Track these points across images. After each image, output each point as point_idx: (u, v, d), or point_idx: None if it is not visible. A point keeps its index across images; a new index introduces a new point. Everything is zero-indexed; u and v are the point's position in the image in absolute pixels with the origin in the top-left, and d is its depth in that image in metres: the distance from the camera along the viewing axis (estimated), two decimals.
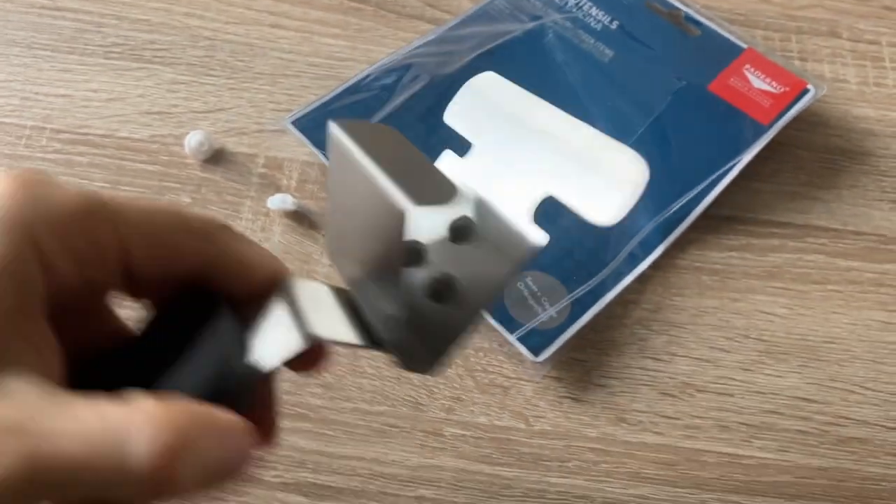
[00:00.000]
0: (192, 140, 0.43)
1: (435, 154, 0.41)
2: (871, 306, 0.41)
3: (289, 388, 0.38)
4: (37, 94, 0.46)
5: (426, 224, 0.23)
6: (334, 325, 0.22)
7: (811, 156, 0.45)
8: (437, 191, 0.22)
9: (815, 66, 0.48)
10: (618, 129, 0.43)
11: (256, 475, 0.36)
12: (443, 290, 0.23)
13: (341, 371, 0.39)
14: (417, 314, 0.23)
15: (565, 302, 0.39)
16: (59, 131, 0.44)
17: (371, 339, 0.23)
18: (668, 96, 0.43)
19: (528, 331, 0.38)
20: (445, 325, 0.23)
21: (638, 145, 0.43)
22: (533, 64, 0.45)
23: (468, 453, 0.37)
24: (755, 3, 0.51)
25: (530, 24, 0.47)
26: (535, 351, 0.38)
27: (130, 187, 0.43)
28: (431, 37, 0.48)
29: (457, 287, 0.23)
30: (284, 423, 0.37)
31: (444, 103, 0.44)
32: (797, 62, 0.48)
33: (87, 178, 0.43)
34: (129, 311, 0.24)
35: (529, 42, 0.46)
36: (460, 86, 0.44)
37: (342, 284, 0.25)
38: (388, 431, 0.37)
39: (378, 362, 0.39)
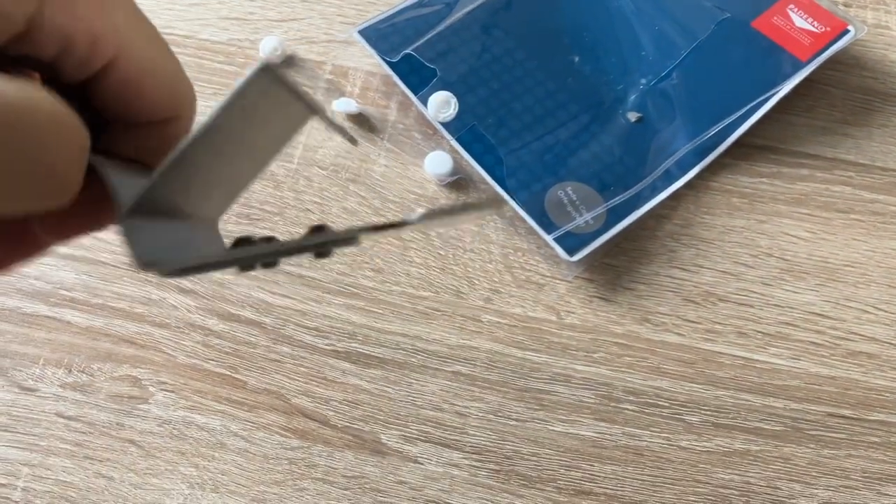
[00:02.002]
0: (267, 45, 0.47)
1: (488, 71, 0.44)
2: (892, 236, 0.44)
3: (343, 270, 0.42)
4: None
5: None
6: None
7: (845, 95, 0.48)
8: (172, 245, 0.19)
9: (859, 12, 0.50)
10: (662, 52, 0.46)
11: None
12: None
13: (392, 258, 0.42)
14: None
15: (602, 209, 0.42)
16: None
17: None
18: (712, 25, 0.46)
19: (565, 233, 0.41)
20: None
21: (680, 69, 0.45)
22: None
23: (502, 338, 0.40)
24: None
25: None
26: (571, 251, 0.41)
27: (208, 84, 0.47)
28: None
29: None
30: (338, 300, 0.41)
31: (500, 20, 0.47)
32: (841, 7, 0.50)
33: None
34: None
35: None
36: (517, 4, 0.47)
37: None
38: (430, 314, 0.41)
39: (425, 253, 0.42)
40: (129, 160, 0.20)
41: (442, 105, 0.42)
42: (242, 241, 0.20)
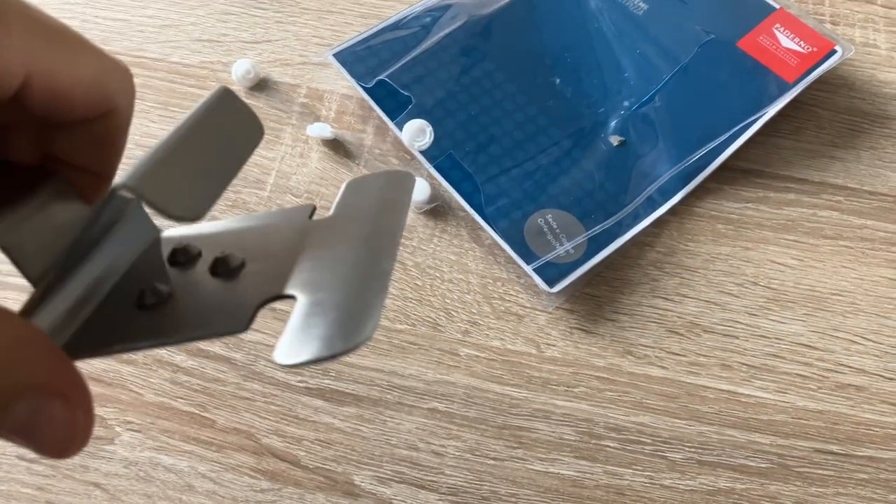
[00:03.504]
0: (239, 68, 0.45)
1: (466, 95, 0.43)
2: (881, 263, 0.42)
3: None
4: (96, 17, 0.48)
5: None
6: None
7: (833, 116, 0.47)
8: (178, 194, 0.20)
9: (846, 31, 0.49)
10: (644, 76, 0.45)
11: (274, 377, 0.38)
12: (150, 300, 0.22)
13: None
14: (111, 304, 0.23)
15: (582, 238, 0.41)
16: (116, 53, 0.47)
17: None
18: (696, 47, 0.45)
19: (545, 263, 0.40)
20: (125, 328, 0.22)
21: (662, 92, 0.44)
22: (568, 9, 0.47)
23: (481, 373, 0.39)
24: None
25: None
26: (551, 282, 0.40)
27: (179, 109, 0.45)
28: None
29: (169, 306, 0.22)
30: None
31: (478, 43, 0.46)
32: (828, 25, 0.49)
33: (139, 99, 0.45)
34: None
35: None
36: (496, 26, 0.46)
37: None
38: (407, 348, 0.40)
39: (402, 284, 0.41)
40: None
41: (417, 133, 0.40)
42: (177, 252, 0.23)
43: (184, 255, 0.24)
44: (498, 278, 0.42)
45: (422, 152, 0.42)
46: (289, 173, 0.44)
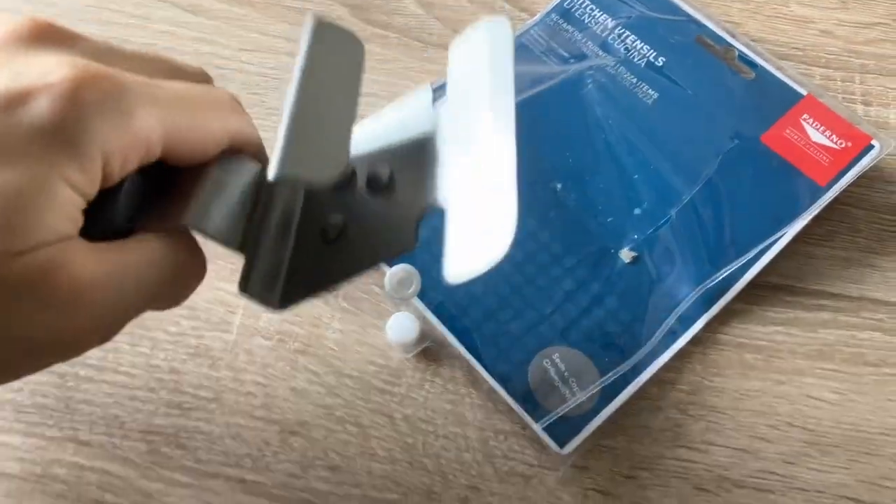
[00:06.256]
0: None
1: None
2: None
3: (294, 471, 0.35)
4: None
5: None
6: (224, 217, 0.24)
7: (869, 216, 0.41)
8: (320, 160, 0.22)
9: (880, 111, 0.44)
10: (662, 198, 0.39)
11: None
12: (333, 234, 0.24)
13: (350, 452, 0.36)
14: (303, 248, 0.25)
15: (596, 387, 0.36)
16: None
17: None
18: (717, 158, 0.40)
19: (555, 420, 0.35)
20: (321, 266, 0.24)
21: (682, 212, 0.39)
22: (570, 119, 0.41)
23: None
24: (816, 37, 0.46)
25: (569, 69, 0.43)
26: (562, 442, 0.35)
27: None
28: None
29: (348, 235, 0.24)
30: None
31: None
32: (860, 107, 0.44)
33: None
34: None
35: (567, 92, 0.42)
36: None
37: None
38: None
39: (390, 443, 0.36)
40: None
41: (402, 284, 0.35)
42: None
43: (341, 177, 0.24)
44: (500, 430, 0.36)
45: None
46: (257, 311, 0.38)
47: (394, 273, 0.35)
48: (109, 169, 0.21)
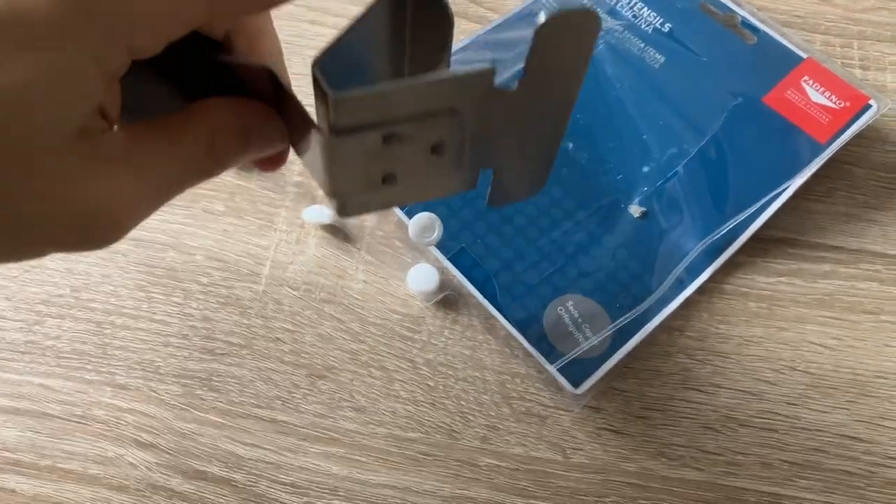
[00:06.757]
0: None
1: None
2: None
3: (321, 412, 0.37)
4: None
5: None
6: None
7: (868, 174, 0.43)
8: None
9: (878, 76, 0.46)
10: (666, 148, 0.41)
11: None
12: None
13: (375, 394, 0.38)
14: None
15: (608, 331, 0.38)
16: None
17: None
18: (722, 114, 0.41)
19: (569, 361, 0.37)
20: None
21: (689, 166, 0.41)
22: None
23: (503, 485, 0.36)
24: (816, 5, 0.48)
25: None
26: (576, 382, 0.37)
27: None
28: (471, 39, 0.45)
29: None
30: (316, 447, 0.36)
31: None
32: (858, 70, 0.46)
33: None
34: None
35: None
36: None
37: None
38: (421, 460, 0.36)
39: (412, 386, 0.38)
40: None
41: (424, 230, 0.37)
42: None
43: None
44: (516, 374, 0.38)
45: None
46: (285, 263, 0.40)
47: (417, 220, 0.37)
48: (141, 39, 0.19)
